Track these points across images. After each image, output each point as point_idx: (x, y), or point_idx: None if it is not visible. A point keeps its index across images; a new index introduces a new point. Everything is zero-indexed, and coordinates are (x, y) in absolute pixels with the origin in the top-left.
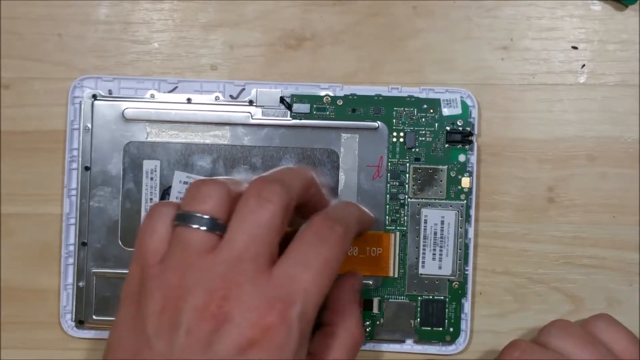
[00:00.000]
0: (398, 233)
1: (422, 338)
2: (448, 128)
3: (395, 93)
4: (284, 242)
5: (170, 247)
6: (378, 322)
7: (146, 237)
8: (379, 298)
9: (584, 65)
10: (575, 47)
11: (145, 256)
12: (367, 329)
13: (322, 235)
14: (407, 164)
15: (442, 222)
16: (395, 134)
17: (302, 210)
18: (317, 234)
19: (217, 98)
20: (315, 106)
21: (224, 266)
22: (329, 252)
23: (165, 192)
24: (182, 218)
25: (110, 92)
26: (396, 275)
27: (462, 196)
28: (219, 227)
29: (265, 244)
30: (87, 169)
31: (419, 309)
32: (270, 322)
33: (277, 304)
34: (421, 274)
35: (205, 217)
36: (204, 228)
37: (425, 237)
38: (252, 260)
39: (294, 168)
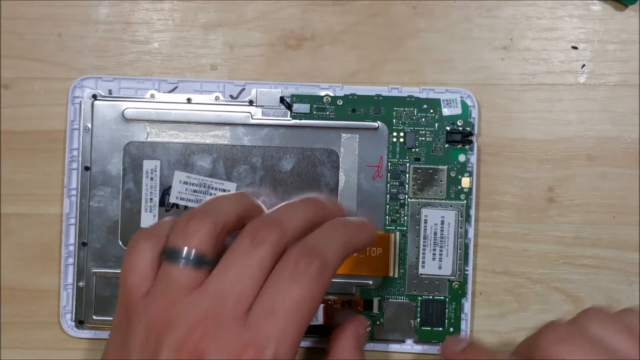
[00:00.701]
0: (398, 233)
1: (422, 338)
2: (448, 128)
3: (395, 93)
4: None
5: (155, 282)
6: (378, 322)
7: (128, 274)
8: (379, 298)
9: (584, 65)
10: (575, 47)
11: (129, 291)
12: (367, 329)
13: (296, 272)
14: (407, 164)
15: (442, 222)
16: (395, 134)
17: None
18: (291, 271)
19: (217, 98)
20: (315, 106)
21: (207, 303)
22: (302, 291)
23: (165, 192)
24: (169, 254)
25: (110, 92)
26: (396, 275)
27: (462, 196)
28: (205, 264)
29: (250, 286)
30: (87, 169)
31: (419, 309)
32: None
33: (250, 348)
34: (421, 274)
35: (192, 253)
36: (190, 265)
37: (425, 237)
38: (234, 301)
39: (298, 205)
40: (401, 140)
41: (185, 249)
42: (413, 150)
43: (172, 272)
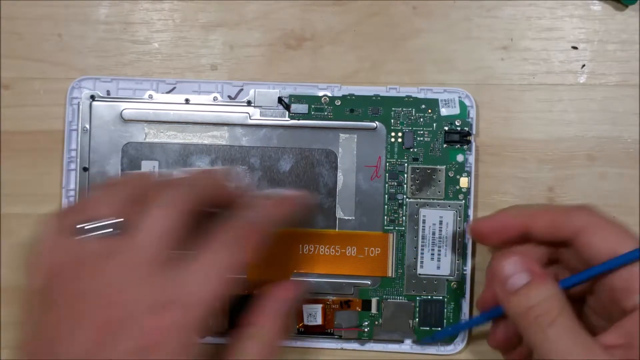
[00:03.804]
0: (396, 233)
1: (421, 338)
2: (446, 128)
3: (393, 93)
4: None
5: (66, 256)
6: (376, 323)
7: (37, 249)
8: (378, 298)
9: (584, 65)
10: (575, 47)
11: (39, 267)
12: (366, 329)
13: (225, 242)
14: (406, 164)
15: (441, 222)
16: (393, 134)
17: (224, 206)
18: (220, 240)
19: (215, 99)
20: (313, 106)
21: (119, 270)
22: (230, 258)
23: None
24: (77, 228)
25: (108, 92)
26: (394, 276)
27: (461, 196)
28: (114, 231)
29: (163, 248)
30: (85, 169)
31: (417, 309)
32: (165, 327)
33: (173, 308)
34: (420, 274)
35: (101, 223)
36: (99, 233)
37: (423, 237)
38: (148, 263)
39: (204, 170)
40: (399, 140)
41: (95, 218)
42: (411, 150)
43: (82, 243)
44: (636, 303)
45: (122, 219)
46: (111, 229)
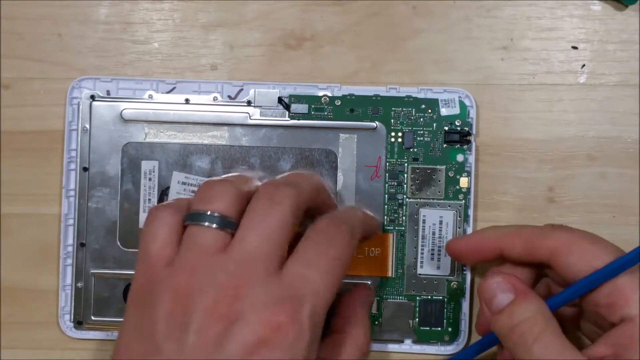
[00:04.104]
0: (396, 233)
1: (421, 338)
2: (446, 128)
3: (393, 93)
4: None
5: (180, 247)
6: (376, 322)
7: (148, 242)
8: (378, 298)
9: (584, 65)
10: (575, 47)
11: (151, 260)
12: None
13: (329, 235)
14: (406, 164)
15: (441, 222)
16: (393, 134)
17: (310, 213)
18: (324, 234)
19: (215, 98)
20: (313, 106)
21: (234, 265)
22: (337, 251)
23: (163, 193)
24: (193, 217)
25: (108, 92)
26: (394, 276)
27: (461, 196)
28: (230, 225)
29: (276, 245)
30: (85, 169)
31: (417, 309)
32: (281, 321)
33: (287, 304)
34: (420, 274)
35: (216, 215)
36: (215, 226)
37: (423, 237)
38: (263, 260)
39: (304, 173)
40: (399, 140)
41: (209, 210)
42: (411, 150)
43: (196, 234)
44: (622, 316)
45: (234, 216)
46: (223, 224)
